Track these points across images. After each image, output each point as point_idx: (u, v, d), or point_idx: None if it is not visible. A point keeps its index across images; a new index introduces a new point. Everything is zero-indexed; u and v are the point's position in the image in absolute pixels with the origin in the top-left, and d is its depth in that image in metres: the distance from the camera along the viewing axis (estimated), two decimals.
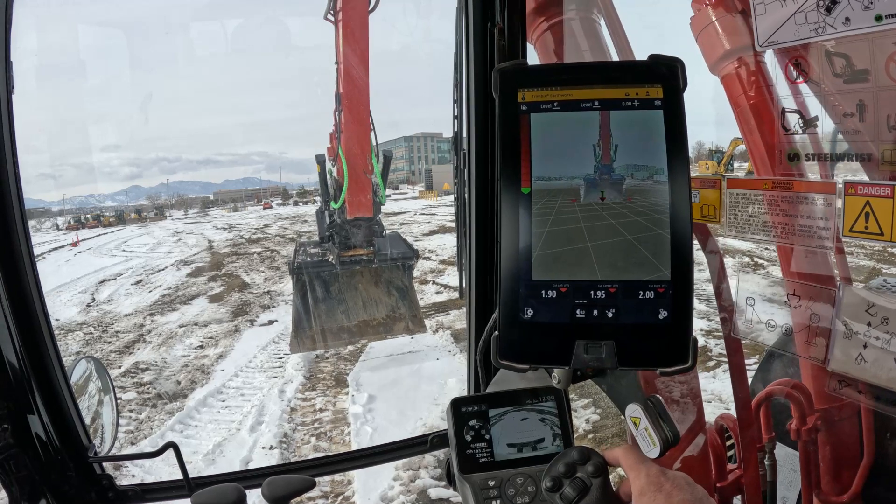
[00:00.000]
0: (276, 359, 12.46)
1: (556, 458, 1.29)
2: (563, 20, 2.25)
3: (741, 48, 1.90)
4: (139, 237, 45.86)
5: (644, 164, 1.22)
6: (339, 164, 11.49)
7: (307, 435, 8.66)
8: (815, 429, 2.09)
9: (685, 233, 1.20)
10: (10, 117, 1.81)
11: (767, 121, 1.82)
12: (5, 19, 1.76)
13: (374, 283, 12.06)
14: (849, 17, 1.41)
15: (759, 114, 1.88)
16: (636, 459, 1.17)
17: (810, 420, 2.09)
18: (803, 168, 1.66)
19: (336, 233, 12.13)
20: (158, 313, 17.69)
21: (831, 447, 2.12)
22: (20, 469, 1.83)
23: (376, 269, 11.97)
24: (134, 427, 9.34)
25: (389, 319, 11.83)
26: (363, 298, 11.93)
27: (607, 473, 1.24)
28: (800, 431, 2.11)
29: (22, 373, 1.87)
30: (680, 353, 1.19)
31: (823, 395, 2.08)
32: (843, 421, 2.09)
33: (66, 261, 32.82)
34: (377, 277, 12.06)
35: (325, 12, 10.90)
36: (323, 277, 11.76)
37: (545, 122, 1.25)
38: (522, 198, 1.23)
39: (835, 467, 2.13)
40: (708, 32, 1.98)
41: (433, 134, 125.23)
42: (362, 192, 11.73)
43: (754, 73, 1.90)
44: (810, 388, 2.11)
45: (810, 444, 2.12)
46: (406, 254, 12.25)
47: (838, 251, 1.64)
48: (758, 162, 1.92)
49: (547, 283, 1.22)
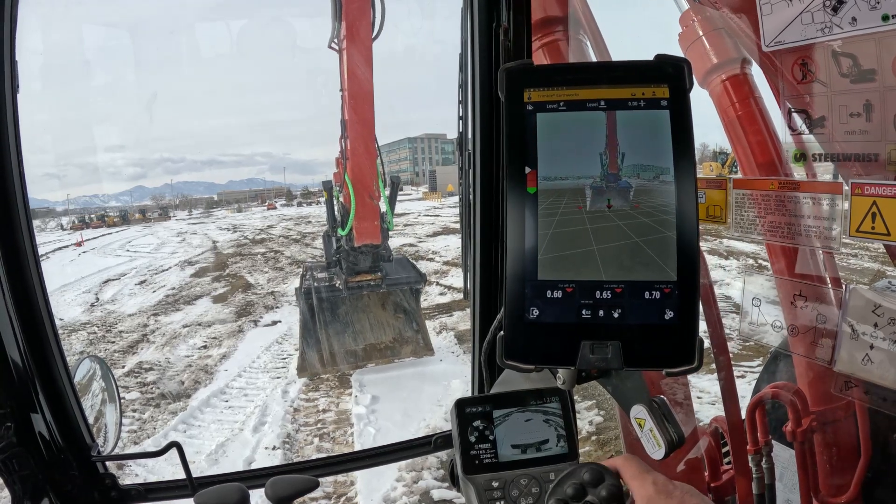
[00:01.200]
0: (279, 359, 12.45)
1: (564, 477, 1.19)
2: (553, 41, 2.29)
3: (728, 62, 1.96)
4: (143, 237, 45.93)
5: (650, 164, 1.21)
6: (346, 191, 11.53)
7: (310, 436, 8.65)
8: (811, 430, 2.10)
9: (691, 233, 1.19)
10: (16, 116, 1.81)
11: (754, 131, 1.87)
12: (10, 18, 1.76)
13: (382, 306, 12.19)
14: (855, 17, 1.41)
15: (747, 124, 1.92)
16: (639, 469, 1.12)
17: (805, 422, 2.10)
18: (810, 168, 1.66)
19: (343, 258, 12.18)
20: (162, 313, 17.71)
21: (829, 449, 2.12)
22: (23, 468, 1.84)
23: (384, 294, 12.11)
24: (137, 427, 9.34)
25: (396, 343, 11.92)
26: (370, 322, 12.04)
27: (622, 498, 1.13)
28: (795, 433, 2.11)
29: (25, 371, 1.87)
30: (686, 354, 1.18)
31: (821, 397, 2.08)
32: (841, 422, 2.09)
33: (71, 260, 32.89)
34: (384, 301, 12.19)
35: (328, 41, 10.92)
36: (330, 302, 11.90)
37: (551, 122, 1.25)
38: (528, 198, 1.23)
39: (833, 469, 2.13)
40: (696, 48, 2.03)
41: (437, 135, 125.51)
42: (370, 219, 11.80)
43: (741, 84, 1.95)
44: (809, 389, 2.11)
45: (806, 446, 2.13)
46: (413, 278, 12.38)
47: (844, 253, 1.64)
48: (747, 171, 1.95)
49: (552, 283, 1.22)
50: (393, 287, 12.10)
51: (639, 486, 1.09)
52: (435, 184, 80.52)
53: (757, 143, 1.92)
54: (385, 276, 12.05)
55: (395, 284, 12.13)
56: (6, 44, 1.76)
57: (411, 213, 44.52)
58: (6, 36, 1.76)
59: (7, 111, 1.79)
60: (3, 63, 1.76)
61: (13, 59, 1.79)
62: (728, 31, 1.93)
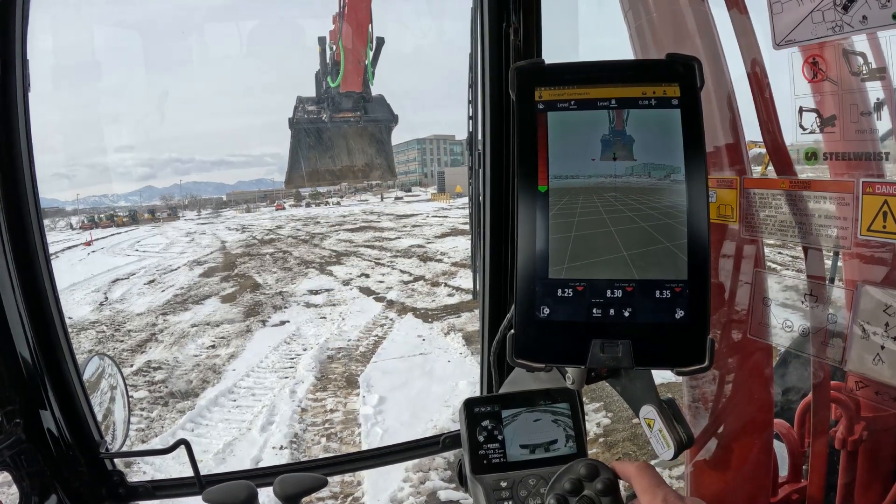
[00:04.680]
0: (287, 359, 12.48)
1: (561, 473, 1.19)
2: None
3: (756, 42, 1.84)
4: (152, 237, 46.20)
5: (661, 162, 1.21)
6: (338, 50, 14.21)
7: (317, 435, 8.66)
8: (861, 439, 2.01)
9: (702, 232, 1.19)
10: (27, 116, 1.83)
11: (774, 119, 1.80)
12: (22, 18, 1.77)
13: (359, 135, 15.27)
14: (866, 16, 1.40)
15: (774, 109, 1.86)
16: (651, 482, 1.08)
17: (857, 429, 2.03)
18: (821, 167, 1.65)
19: (330, 99, 14.89)
20: (171, 313, 17.77)
21: (871, 458, 2.06)
22: (31, 464, 1.85)
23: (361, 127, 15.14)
24: (145, 425, 9.38)
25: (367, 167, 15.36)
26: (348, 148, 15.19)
27: (618, 491, 1.14)
28: (846, 441, 2.02)
29: (35, 368, 1.88)
30: (696, 353, 1.18)
31: (869, 404, 2.00)
32: (886, 431, 2.03)
33: (80, 260, 33.08)
34: (361, 132, 15.26)
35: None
36: (317, 130, 14.98)
37: (562, 121, 1.25)
38: (539, 196, 1.23)
39: (871, 478, 2.08)
40: None
41: (446, 136, 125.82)
42: (355, 76, 14.57)
43: (764, 73, 1.88)
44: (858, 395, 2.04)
45: (853, 455, 2.04)
46: (387, 118, 15.49)
47: (858, 250, 1.63)
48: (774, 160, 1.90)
49: (563, 281, 1.22)
50: (369, 123, 15.16)
51: (650, 499, 1.07)
52: (443, 185, 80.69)
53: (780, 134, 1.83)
54: (364, 115, 15.05)
55: (370, 121, 15.18)
56: (17, 44, 1.78)
57: (420, 214, 44.61)
58: (17, 36, 1.77)
59: (19, 111, 1.80)
60: (15, 63, 1.78)
61: (24, 59, 1.80)
62: None
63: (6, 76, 1.77)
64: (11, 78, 1.78)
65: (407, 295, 17.23)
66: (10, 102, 1.78)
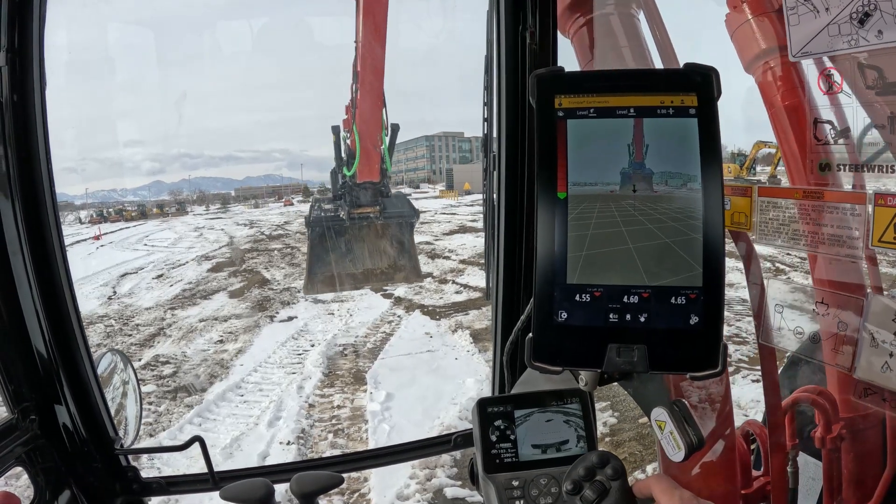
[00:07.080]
0: (295, 355, 12.52)
1: (577, 462, 1.31)
2: (601, 15, 2.22)
3: (777, 48, 1.87)
4: (161, 232, 46.28)
5: (678, 171, 1.23)
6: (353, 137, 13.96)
7: (324, 431, 8.69)
8: (840, 437, 2.07)
9: (717, 240, 1.21)
10: (44, 112, 1.85)
11: (802, 124, 1.81)
12: (39, 17, 1.79)
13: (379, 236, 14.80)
14: (881, 30, 1.41)
15: (793, 116, 1.86)
16: (668, 485, 1.17)
17: (835, 428, 2.07)
18: (836, 178, 1.66)
19: (347, 193, 14.62)
20: (179, 307, 17.83)
21: (854, 456, 2.10)
22: (46, 460, 1.87)
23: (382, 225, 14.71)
24: (153, 419, 9.42)
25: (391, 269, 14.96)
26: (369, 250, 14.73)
27: (626, 476, 1.26)
28: (825, 440, 2.09)
29: (51, 363, 1.91)
30: (710, 359, 1.20)
31: (849, 404, 2.06)
32: (868, 430, 2.07)
33: (89, 254, 33.18)
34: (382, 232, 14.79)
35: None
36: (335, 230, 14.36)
37: (581, 128, 1.27)
38: (558, 203, 1.25)
39: (857, 477, 2.11)
40: (743, 31, 1.95)
41: (454, 133, 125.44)
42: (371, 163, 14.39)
43: (790, 74, 1.86)
44: (836, 396, 2.09)
45: (834, 453, 2.10)
46: (408, 213, 15.16)
47: (869, 260, 1.64)
48: (791, 165, 1.91)
49: (581, 287, 1.24)
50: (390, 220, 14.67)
51: (667, 500, 1.15)
52: (452, 182, 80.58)
53: (804, 138, 1.81)
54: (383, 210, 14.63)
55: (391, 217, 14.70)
56: (35, 43, 1.80)
57: (428, 211, 44.48)
58: (34, 33, 1.79)
59: (36, 108, 1.82)
60: (33, 61, 1.80)
61: (41, 58, 1.82)
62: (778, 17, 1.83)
63: (24, 73, 1.79)
64: (29, 75, 1.80)
65: (415, 292, 17.24)
66: (27, 99, 1.81)
